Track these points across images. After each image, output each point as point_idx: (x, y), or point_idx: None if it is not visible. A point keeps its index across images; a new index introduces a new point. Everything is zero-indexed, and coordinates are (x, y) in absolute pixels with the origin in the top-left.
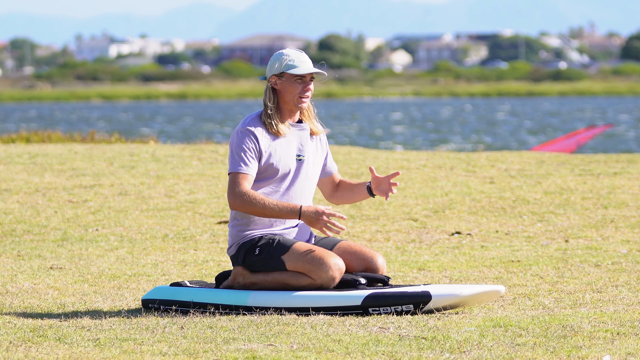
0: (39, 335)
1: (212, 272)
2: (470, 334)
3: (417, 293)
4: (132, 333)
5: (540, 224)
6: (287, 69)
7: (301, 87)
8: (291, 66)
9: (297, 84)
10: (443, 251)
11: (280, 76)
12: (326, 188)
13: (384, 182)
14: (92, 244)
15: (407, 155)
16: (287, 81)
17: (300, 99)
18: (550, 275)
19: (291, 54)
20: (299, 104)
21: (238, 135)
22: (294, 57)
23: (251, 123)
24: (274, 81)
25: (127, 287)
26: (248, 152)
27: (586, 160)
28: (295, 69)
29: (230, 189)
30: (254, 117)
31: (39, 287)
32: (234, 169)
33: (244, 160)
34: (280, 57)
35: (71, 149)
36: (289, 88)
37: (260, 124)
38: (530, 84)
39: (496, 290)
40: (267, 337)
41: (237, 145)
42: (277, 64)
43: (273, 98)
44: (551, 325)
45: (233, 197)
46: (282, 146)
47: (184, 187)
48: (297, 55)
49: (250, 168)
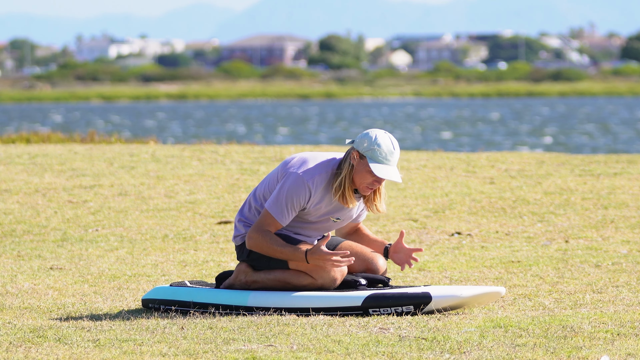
0: (39, 336)
1: (212, 273)
2: (471, 335)
3: (417, 294)
4: (132, 334)
5: (540, 224)
6: (370, 160)
7: (372, 179)
8: (374, 159)
9: (370, 174)
10: (443, 252)
11: (362, 157)
12: (343, 229)
13: (405, 252)
14: (92, 245)
15: (407, 155)
16: (364, 167)
17: (366, 189)
18: (551, 276)
19: (384, 147)
20: (362, 191)
21: (297, 183)
22: (384, 151)
23: (317, 179)
24: (354, 155)
25: (127, 287)
26: (294, 206)
27: (586, 160)
28: (374, 164)
29: (259, 225)
30: (322, 173)
31: (38, 288)
32: (274, 214)
33: (286, 212)
34: (373, 141)
35: (71, 149)
36: (362, 174)
37: (325, 184)
38: (530, 84)
39: (496, 291)
40: (267, 337)
41: (289, 191)
42: (366, 143)
43: (349, 170)
44: (551, 326)
45: (256, 235)
46: (327, 207)
47: (184, 187)
48: (387, 150)
49: (287, 220)
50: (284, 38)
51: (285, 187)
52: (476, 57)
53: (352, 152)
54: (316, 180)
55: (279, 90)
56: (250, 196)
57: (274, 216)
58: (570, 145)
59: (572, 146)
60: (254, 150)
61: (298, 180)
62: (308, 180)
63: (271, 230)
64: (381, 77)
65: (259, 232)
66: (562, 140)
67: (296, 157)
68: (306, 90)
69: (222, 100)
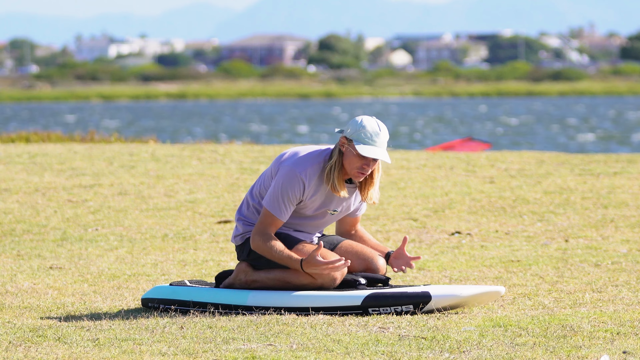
0: (39, 335)
1: (212, 272)
2: (470, 334)
3: (417, 293)
4: (132, 333)
5: (540, 223)
6: (357, 142)
7: (361, 163)
8: (360, 141)
9: (359, 158)
10: (443, 251)
11: (349, 142)
12: (342, 225)
13: (404, 258)
14: (91, 244)
15: (407, 155)
16: (351, 151)
17: (358, 173)
18: (550, 275)
19: (369, 128)
20: (354, 177)
21: (290, 177)
22: (369, 132)
23: (309, 171)
24: (342, 142)
25: (127, 287)
26: (290, 200)
27: (586, 160)
28: (361, 145)
29: (261, 226)
30: (314, 163)
31: (38, 287)
32: (272, 210)
33: (284, 207)
34: (359, 124)
35: (70, 148)
36: (350, 158)
37: (319, 175)
38: (530, 84)
39: (496, 291)
40: (266, 337)
41: (284, 186)
42: (351, 129)
43: (338, 157)
44: (551, 325)
45: (258, 238)
46: (322, 199)
47: (184, 186)
48: (373, 131)
49: (286, 215)
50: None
51: (280, 183)
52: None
53: (340, 139)
54: (309, 172)
55: (279, 89)
56: (248, 195)
57: (273, 213)
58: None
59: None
60: (253, 149)
61: (291, 173)
62: (300, 172)
63: (273, 229)
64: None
65: (261, 235)
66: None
67: (288, 151)
68: (306, 90)
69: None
